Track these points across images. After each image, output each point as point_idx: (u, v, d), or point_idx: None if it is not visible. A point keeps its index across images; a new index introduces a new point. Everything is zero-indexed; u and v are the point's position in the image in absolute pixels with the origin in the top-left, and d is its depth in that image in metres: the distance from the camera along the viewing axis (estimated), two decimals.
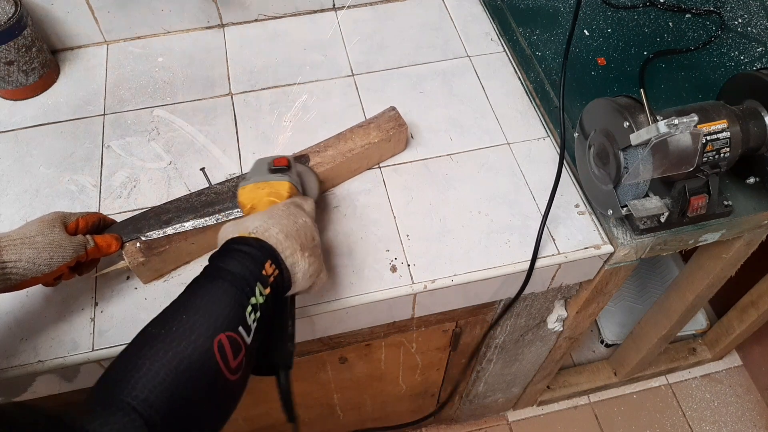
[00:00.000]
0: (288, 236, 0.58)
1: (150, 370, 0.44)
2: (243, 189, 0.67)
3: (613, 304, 1.61)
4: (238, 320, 0.49)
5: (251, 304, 0.51)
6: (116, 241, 0.68)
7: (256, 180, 0.67)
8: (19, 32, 0.85)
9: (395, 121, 0.83)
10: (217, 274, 0.52)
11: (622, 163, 0.68)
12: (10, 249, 0.58)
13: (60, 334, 0.69)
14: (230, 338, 0.48)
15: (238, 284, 0.51)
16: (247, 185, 0.67)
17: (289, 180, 0.67)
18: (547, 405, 1.58)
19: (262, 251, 0.55)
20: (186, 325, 0.47)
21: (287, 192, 0.67)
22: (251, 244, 0.55)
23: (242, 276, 0.52)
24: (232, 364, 0.47)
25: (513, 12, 1.02)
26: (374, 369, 1.01)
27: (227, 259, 0.53)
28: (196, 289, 0.51)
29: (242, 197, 0.67)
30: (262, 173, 0.68)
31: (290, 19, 1.04)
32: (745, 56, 0.95)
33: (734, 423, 1.56)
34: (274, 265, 0.55)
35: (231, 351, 0.47)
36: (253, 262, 0.53)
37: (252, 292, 0.51)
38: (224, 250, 0.55)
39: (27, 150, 0.86)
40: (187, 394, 0.44)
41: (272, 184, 0.67)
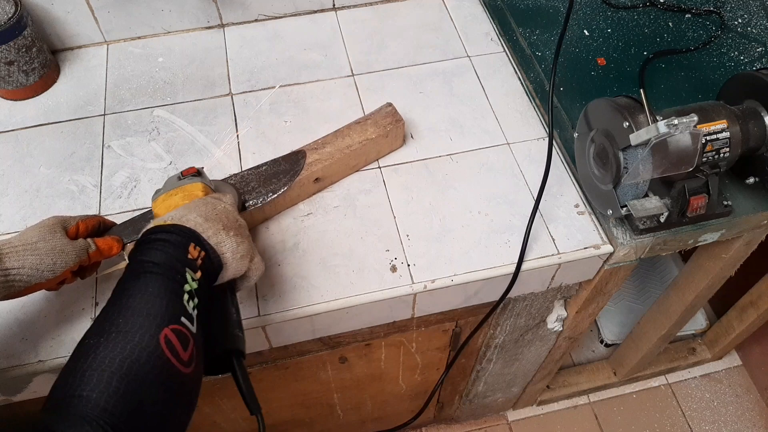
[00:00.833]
0: (207, 219, 0.56)
1: (100, 380, 0.41)
2: (155, 202, 0.64)
3: (613, 304, 1.61)
4: (178, 311, 0.47)
5: (186, 291, 0.49)
6: (117, 243, 0.68)
7: (167, 189, 0.65)
8: (19, 32, 0.85)
9: (392, 117, 0.83)
10: (142, 269, 0.49)
11: (622, 163, 0.68)
12: (13, 256, 0.58)
13: (60, 334, 0.69)
14: (175, 331, 0.46)
15: (167, 274, 0.49)
16: (159, 197, 0.65)
17: (201, 181, 0.65)
18: (546, 405, 1.58)
19: (182, 235, 0.52)
20: (125, 328, 0.45)
21: (201, 191, 0.64)
22: (169, 230, 0.52)
23: (169, 265, 0.49)
24: (183, 357, 0.46)
25: (513, 12, 1.02)
26: (374, 369, 1.01)
27: (148, 252, 0.51)
28: (126, 289, 0.48)
29: (156, 210, 0.64)
30: (172, 183, 0.66)
31: (290, 19, 1.04)
32: (745, 56, 0.95)
33: (734, 423, 1.56)
34: (198, 248, 0.52)
35: (179, 344, 0.46)
36: (175, 247, 0.51)
37: (184, 279, 0.49)
38: (142, 243, 0.52)
39: (27, 150, 0.86)
40: (145, 397, 0.43)
41: (184, 187, 0.64)
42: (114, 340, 0.44)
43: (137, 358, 0.43)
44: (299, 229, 0.78)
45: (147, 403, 0.43)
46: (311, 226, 0.79)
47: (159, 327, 0.45)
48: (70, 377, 0.42)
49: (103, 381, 0.41)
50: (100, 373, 0.41)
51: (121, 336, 0.44)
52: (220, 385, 0.90)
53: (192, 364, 0.46)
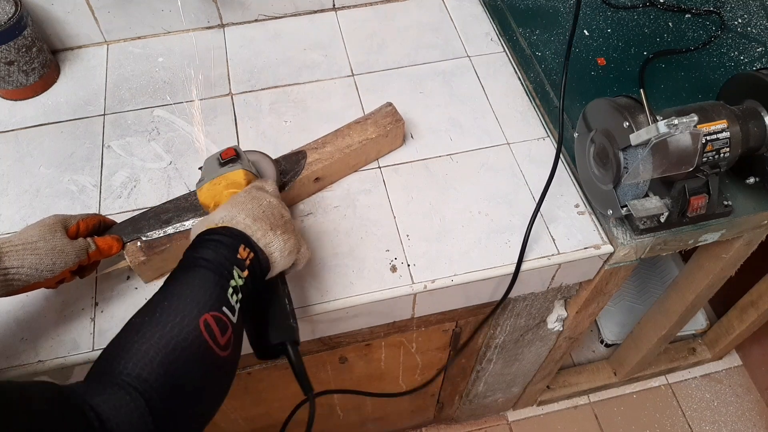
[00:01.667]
0: (255, 219, 0.58)
1: (139, 350, 0.45)
2: (200, 191, 0.67)
3: (613, 304, 1.61)
4: (220, 301, 0.50)
5: (231, 286, 0.52)
6: (117, 243, 0.68)
7: (211, 178, 0.66)
8: (19, 32, 0.85)
9: (392, 117, 0.83)
10: (193, 263, 0.53)
11: (622, 163, 0.68)
12: (12, 255, 0.58)
13: (60, 334, 0.69)
14: (215, 317, 0.49)
15: (215, 270, 0.52)
16: (203, 185, 0.67)
17: (242, 167, 0.66)
18: (547, 405, 1.58)
19: (233, 237, 0.55)
20: (169, 310, 0.48)
21: (244, 179, 0.66)
22: (221, 233, 0.55)
23: (218, 262, 0.53)
24: (221, 341, 0.48)
25: (513, 12, 1.02)
26: (374, 369, 1.01)
27: (201, 250, 0.54)
28: (175, 279, 0.52)
29: (202, 198, 0.66)
30: (214, 170, 0.67)
31: (290, 19, 1.04)
32: (744, 56, 0.95)
33: (734, 423, 1.56)
34: (248, 249, 0.55)
35: (218, 329, 0.48)
36: (226, 248, 0.54)
37: (230, 276, 0.52)
38: (196, 243, 0.56)
39: (27, 150, 0.86)
40: (180, 372, 0.46)
41: (227, 176, 0.66)
42: (158, 319, 0.47)
43: (176, 335, 0.46)
44: (299, 229, 0.78)
45: (183, 379, 0.46)
46: (311, 226, 0.79)
47: (200, 312, 0.48)
48: (114, 350, 0.46)
49: (141, 352, 0.44)
50: (139, 344, 0.45)
51: (165, 316, 0.47)
52: None
53: (228, 349, 0.49)
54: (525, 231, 0.76)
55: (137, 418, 0.42)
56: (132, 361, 0.44)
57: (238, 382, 0.91)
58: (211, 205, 0.66)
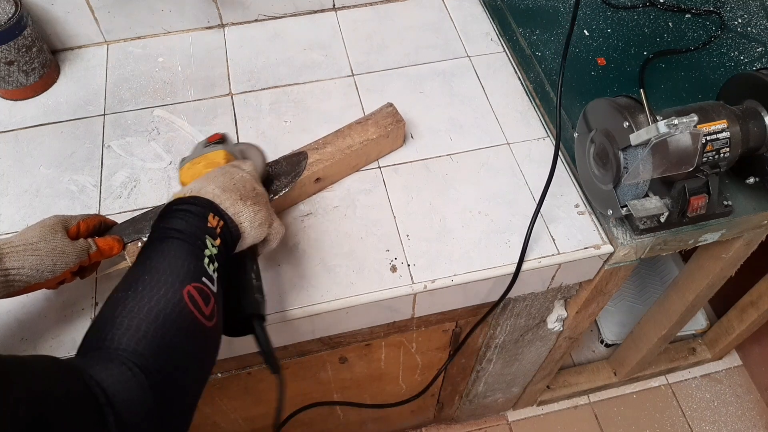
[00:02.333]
0: (225, 190, 0.58)
1: (131, 325, 0.45)
2: (181, 170, 0.67)
3: (613, 304, 1.61)
4: (199, 272, 0.50)
5: (207, 256, 0.52)
6: (118, 243, 0.68)
7: (192, 158, 0.67)
8: (19, 32, 0.85)
9: (393, 117, 0.83)
10: (165, 235, 0.53)
11: (622, 163, 0.68)
12: (13, 256, 0.58)
13: (60, 334, 0.69)
14: (197, 288, 0.49)
15: (188, 239, 0.52)
16: (185, 165, 0.67)
17: (223, 148, 0.67)
18: (546, 405, 1.58)
19: (201, 206, 0.56)
20: (152, 284, 0.48)
21: (223, 159, 0.66)
22: (189, 202, 0.56)
23: (190, 232, 0.53)
24: (206, 312, 0.49)
25: (513, 12, 1.02)
26: (374, 369, 1.01)
27: (171, 220, 0.54)
28: (150, 252, 0.52)
29: (182, 177, 0.67)
30: (197, 151, 0.68)
31: (290, 19, 1.04)
32: (744, 56, 0.95)
33: (734, 423, 1.56)
34: (217, 217, 0.55)
35: (201, 300, 0.49)
36: (195, 217, 0.54)
37: (204, 245, 0.52)
38: (165, 213, 0.56)
39: (27, 150, 0.86)
40: (172, 343, 0.46)
41: (207, 156, 0.66)
42: (141, 293, 0.47)
43: (163, 308, 0.46)
44: (299, 229, 0.78)
45: (176, 351, 0.46)
46: (311, 226, 0.79)
47: (182, 284, 0.48)
48: (101, 325, 0.46)
49: (132, 326, 0.44)
50: (129, 319, 0.45)
51: (148, 290, 0.47)
52: (219, 385, 0.90)
53: (213, 319, 0.50)
54: (525, 231, 0.76)
55: (139, 391, 0.42)
56: (126, 336, 0.44)
57: (238, 382, 0.91)
58: (188, 181, 0.66)
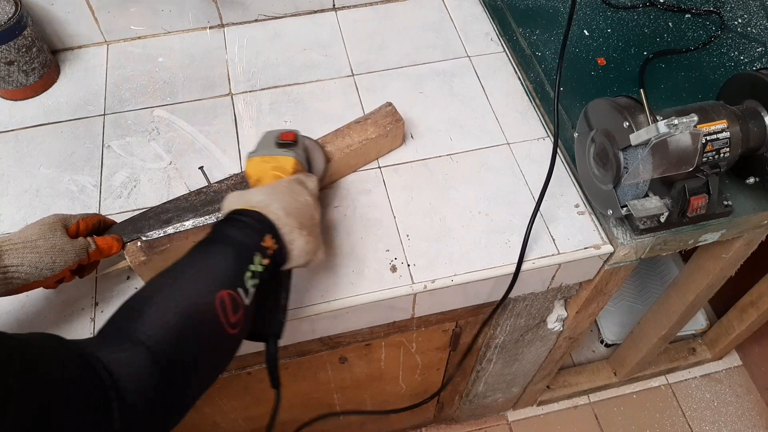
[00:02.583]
0: (288, 214, 0.59)
1: (158, 310, 0.47)
2: (250, 161, 0.69)
3: (613, 304, 1.61)
4: (237, 282, 0.52)
5: (250, 270, 0.53)
6: (117, 243, 0.68)
7: (263, 153, 0.69)
8: (19, 32, 0.85)
9: (392, 117, 0.83)
10: (220, 239, 0.55)
11: (622, 163, 0.68)
12: (12, 253, 0.58)
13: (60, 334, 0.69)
14: (230, 296, 0.50)
15: (239, 250, 0.54)
16: (254, 157, 0.69)
17: (294, 156, 0.69)
18: (547, 405, 1.58)
19: (262, 224, 0.57)
20: (191, 278, 0.50)
21: (292, 168, 0.68)
22: (253, 217, 0.57)
23: (243, 243, 0.55)
24: (231, 319, 0.50)
25: (513, 12, 1.02)
26: (374, 369, 1.01)
27: (230, 227, 0.56)
28: (201, 250, 0.54)
29: (249, 169, 0.69)
30: (269, 147, 0.70)
31: (290, 19, 1.04)
32: (745, 56, 0.95)
33: (734, 423, 1.56)
34: (273, 239, 0.57)
35: (231, 307, 0.50)
36: (254, 232, 0.56)
37: (251, 260, 0.54)
38: (227, 219, 0.58)
39: (27, 150, 0.86)
40: (190, 338, 0.47)
41: (278, 158, 0.68)
42: (180, 284, 0.50)
43: (193, 304, 0.48)
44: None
45: (191, 346, 0.48)
46: None
47: (218, 287, 0.50)
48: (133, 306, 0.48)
49: (160, 315, 0.46)
50: (158, 307, 0.47)
51: (186, 282, 0.50)
52: (219, 385, 0.90)
53: (237, 328, 0.51)
54: (525, 231, 0.76)
55: (145, 374, 0.43)
56: (149, 320, 0.46)
57: (238, 382, 0.91)
58: (254, 178, 0.68)
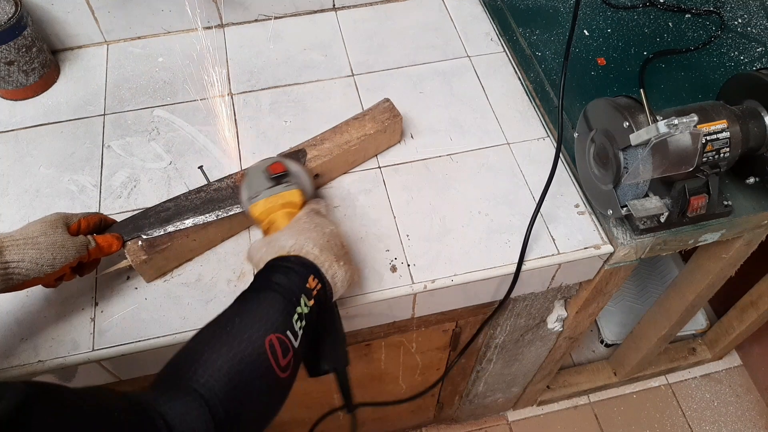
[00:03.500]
0: (322, 250, 0.61)
1: (210, 359, 0.48)
2: (255, 206, 0.67)
3: (613, 304, 1.61)
4: (286, 325, 0.53)
5: (297, 313, 0.54)
6: (117, 241, 0.68)
7: (265, 195, 0.67)
8: (19, 32, 0.85)
9: (390, 112, 0.83)
10: (266, 286, 0.56)
11: (622, 163, 0.68)
12: (13, 249, 0.58)
13: (60, 334, 0.69)
14: (279, 339, 0.52)
15: (285, 294, 0.55)
16: (258, 202, 0.67)
17: (297, 187, 0.68)
18: (546, 405, 1.58)
19: (304, 267, 0.59)
20: (240, 326, 0.51)
21: (300, 200, 0.67)
22: (292, 261, 0.59)
23: (289, 288, 0.56)
24: (281, 363, 0.51)
25: (513, 12, 1.02)
26: (374, 369, 1.01)
27: (274, 274, 0.57)
28: (248, 298, 0.55)
29: (257, 214, 0.67)
30: (263, 184, 0.68)
31: (290, 19, 1.04)
32: (745, 56, 0.95)
33: (734, 423, 1.56)
34: (316, 279, 0.58)
35: (281, 350, 0.51)
36: (298, 276, 0.57)
37: (298, 303, 0.55)
38: (269, 268, 0.59)
39: (27, 150, 0.86)
40: (243, 385, 0.48)
41: (283, 195, 0.67)
42: (229, 333, 0.51)
43: (244, 350, 0.49)
44: None
45: (245, 392, 0.49)
46: None
47: (267, 332, 0.51)
48: (186, 357, 0.49)
49: (212, 363, 0.48)
50: (209, 355, 0.48)
51: (236, 331, 0.51)
52: None
53: (288, 371, 0.52)
54: (525, 231, 0.76)
55: (202, 424, 0.44)
56: (201, 369, 0.47)
57: None
58: (265, 222, 0.67)
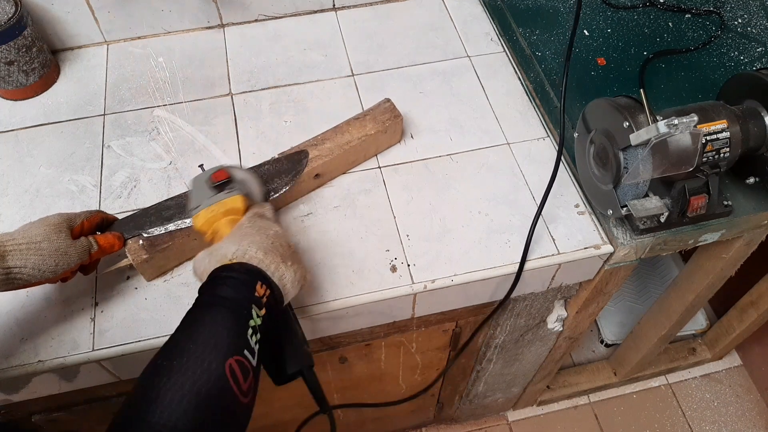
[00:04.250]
0: (266, 252, 0.57)
1: (173, 400, 0.44)
2: (196, 217, 0.64)
3: (613, 304, 1.61)
4: (242, 344, 0.50)
5: (251, 326, 0.51)
6: (119, 241, 0.68)
7: (207, 204, 0.64)
8: (19, 32, 0.85)
9: (390, 113, 0.83)
10: (213, 301, 0.53)
11: (622, 163, 0.68)
12: (16, 254, 0.58)
13: (60, 334, 0.69)
14: (239, 362, 0.48)
15: (235, 309, 0.52)
16: (199, 212, 0.64)
17: (239, 193, 0.64)
18: (546, 405, 1.58)
19: (250, 275, 0.55)
20: (196, 354, 0.48)
21: (243, 205, 0.64)
22: (236, 269, 0.55)
23: (237, 301, 0.52)
24: (243, 387, 0.48)
25: (513, 12, 1.02)
26: (374, 369, 1.01)
27: (219, 287, 0.54)
28: (198, 319, 0.52)
29: (198, 225, 0.64)
30: (206, 194, 0.65)
31: (290, 19, 1.04)
32: (745, 56, 0.95)
33: (734, 423, 1.56)
34: (264, 285, 0.55)
35: (241, 375, 0.48)
36: (244, 285, 0.54)
37: (249, 315, 0.52)
38: (213, 279, 0.55)
39: (27, 150, 0.86)
40: (208, 419, 0.45)
41: (224, 203, 0.63)
42: (186, 365, 0.46)
43: (206, 382, 0.46)
44: (299, 229, 0.78)
45: (209, 425, 0.45)
46: (311, 226, 0.79)
47: (225, 357, 0.48)
48: (144, 395, 0.45)
49: (175, 401, 0.44)
50: (172, 394, 0.44)
51: (192, 361, 0.47)
52: None
53: (249, 396, 0.49)
54: (526, 231, 0.76)
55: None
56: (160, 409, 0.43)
57: None
58: (209, 232, 0.64)
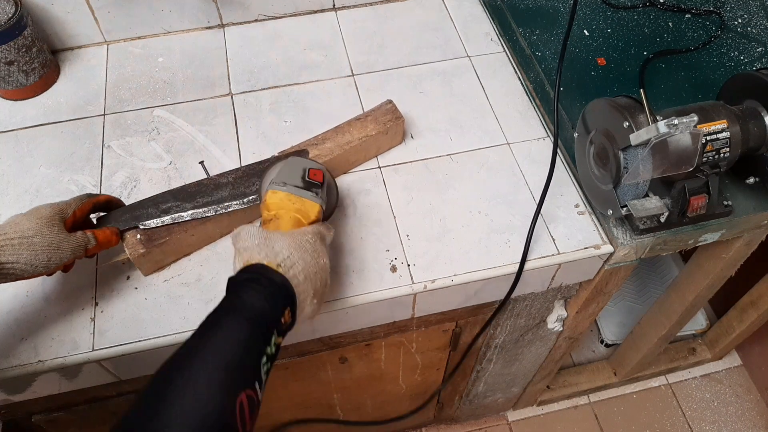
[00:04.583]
0: (307, 278, 0.57)
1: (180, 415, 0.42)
2: (275, 193, 0.64)
3: (613, 304, 1.61)
4: (256, 374, 0.48)
5: (266, 354, 0.50)
6: (116, 236, 0.68)
7: (290, 190, 0.65)
8: (19, 32, 0.85)
9: (392, 114, 0.83)
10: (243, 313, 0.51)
11: (622, 163, 0.68)
12: (8, 250, 0.57)
13: (60, 334, 0.69)
14: (249, 397, 0.46)
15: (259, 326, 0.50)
16: (280, 191, 0.64)
17: (320, 203, 0.65)
18: (547, 405, 1.58)
19: (285, 296, 0.54)
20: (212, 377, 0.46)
21: (315, 217, 0.64)
22: (279, 285, 0.54)
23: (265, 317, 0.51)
24: (248, 427, 0.46)
25: (513, 12, 1.02)
26: (374, 369, 1.01)
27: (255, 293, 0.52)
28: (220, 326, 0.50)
29: (270, 200, 0.64)
30: (295, 180, 0.66)
31: (290, 19, 1.04)
32: (745, 56, 0.95)
33: (734, 423, 1.56)
34: (291, 314, 0.54)
35: (248, 412, 0.46)
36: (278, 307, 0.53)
37: (268, 341, 0.51)
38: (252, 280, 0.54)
39: (27, 150, 0.86)
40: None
41: (305, 202, 0.64)
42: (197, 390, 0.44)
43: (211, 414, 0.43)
44: None
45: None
46: None
47: (238, 389, 0.46)
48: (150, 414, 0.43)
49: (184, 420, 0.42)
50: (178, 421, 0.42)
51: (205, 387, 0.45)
52: None
53: None
54: (525, 231, 0.76)
55: None
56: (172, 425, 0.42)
57: None
58: (272, 212, 0.63)
